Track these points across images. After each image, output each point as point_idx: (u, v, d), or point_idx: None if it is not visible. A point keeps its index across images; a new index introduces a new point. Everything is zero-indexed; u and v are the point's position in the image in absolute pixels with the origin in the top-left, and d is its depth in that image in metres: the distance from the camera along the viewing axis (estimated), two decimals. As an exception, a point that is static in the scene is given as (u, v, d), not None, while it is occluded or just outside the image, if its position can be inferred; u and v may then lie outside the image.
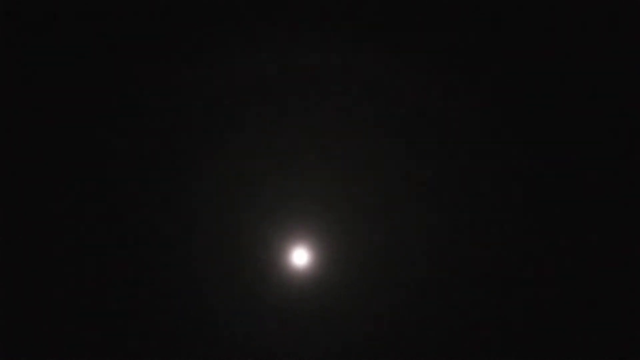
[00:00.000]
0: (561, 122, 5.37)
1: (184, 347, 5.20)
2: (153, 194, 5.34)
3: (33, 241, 5.19)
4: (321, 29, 5.37)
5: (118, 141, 5.32)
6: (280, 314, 5.28)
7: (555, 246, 5.31)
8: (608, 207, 5.29)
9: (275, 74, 5.41)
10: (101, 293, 5.22)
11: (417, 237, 5.38)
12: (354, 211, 5.41)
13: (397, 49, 5.39)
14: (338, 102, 5.44)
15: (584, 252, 5.28)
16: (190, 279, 5.30)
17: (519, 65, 5.38)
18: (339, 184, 5.43)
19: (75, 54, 5.28)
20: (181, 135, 5.39)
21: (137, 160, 5.35)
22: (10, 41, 5.22)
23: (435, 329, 5.27)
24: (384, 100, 5.43)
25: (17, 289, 5.15)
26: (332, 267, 5.35)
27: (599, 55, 5.34)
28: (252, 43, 5.39)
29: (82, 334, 5.16)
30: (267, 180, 5.40)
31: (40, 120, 5.26)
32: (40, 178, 5.23)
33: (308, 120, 5.44)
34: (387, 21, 5.38)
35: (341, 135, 5.44)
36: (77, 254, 5.23)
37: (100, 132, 5.31)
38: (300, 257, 5.41)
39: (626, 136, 5.32)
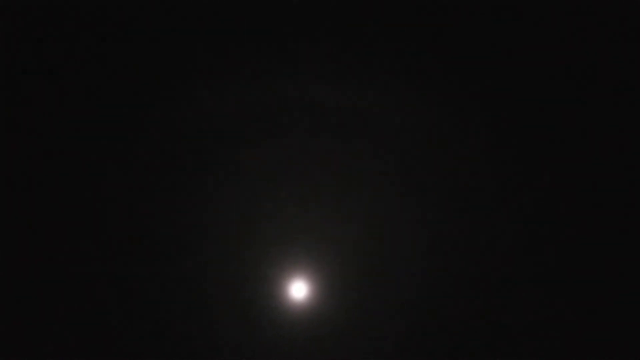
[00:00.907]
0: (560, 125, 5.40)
1: None
2: (147, 232, 5.29)
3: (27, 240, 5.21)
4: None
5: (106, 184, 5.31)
6: (280, 348, 5.19)
7: (554, 248, 5.33)
8: (608, 207, 5.31)
9: (275, 109, 5.39)
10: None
11: (416, 265, 5.29)
12: (352, 242, 5.32)
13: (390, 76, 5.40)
14: (334, 136, 5.40)
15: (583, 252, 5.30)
16: (188, 313, 5.22)
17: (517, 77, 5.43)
18: (337, 217, 5.36)
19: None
20: (179, 169, 5.36)
21: (129, 198, 5.31)
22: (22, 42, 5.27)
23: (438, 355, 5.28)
24: (380, 133, 5.41)
25: (16, 289, 5.17)
26: (331, 299, 5.24)
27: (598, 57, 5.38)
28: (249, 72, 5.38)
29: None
30: (264, 213, 5.33)
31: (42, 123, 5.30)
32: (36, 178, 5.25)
33: (304, 153, 5.39)
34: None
35: (339, 167, 5.39)
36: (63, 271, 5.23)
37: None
38: (299, 290, 5.30)
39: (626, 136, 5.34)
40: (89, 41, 5.28)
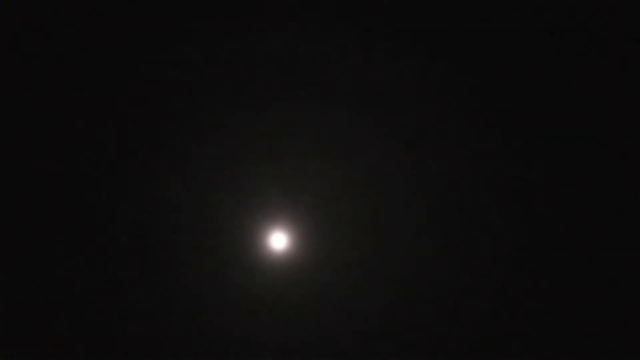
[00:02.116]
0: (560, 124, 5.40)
1: (159, 334, 5.19)
2: (129, 178, 5.37)
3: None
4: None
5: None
6: (259, 299, 5.26)
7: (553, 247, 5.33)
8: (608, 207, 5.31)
9: (254, 61, 5.42)
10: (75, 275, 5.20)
11: (401, 215, 5.34)
12: (333, 192, 5.39)
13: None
14: (319, 87, 5.43)
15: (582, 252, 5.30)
16: (165, 263, 5.31)
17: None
18: (317, 165, 5.41)
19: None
20: (158, 119, 5.41)
21: (114, 142, 5.36)
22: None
23: (422, 309, 5.27)
24: (359, 90, 5.44)
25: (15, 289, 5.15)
26: (311, 250, 5.32)
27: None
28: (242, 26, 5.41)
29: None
30: (244, 163, 5.39)
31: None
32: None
33: (287, 104, 5.44)
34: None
35: (322, 116, 5.43)
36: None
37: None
38: (278, 241, 5.36)
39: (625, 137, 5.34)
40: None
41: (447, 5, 5.35)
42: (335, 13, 5.40)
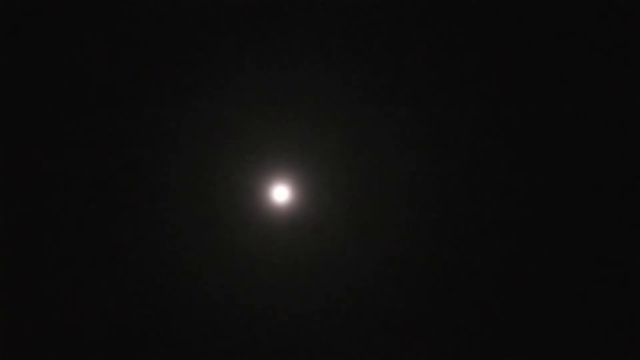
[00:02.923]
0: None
1: (159, 295, 5.17)
2: (129, 127, 5.30)
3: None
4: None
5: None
6: (261, 254, 5.24)
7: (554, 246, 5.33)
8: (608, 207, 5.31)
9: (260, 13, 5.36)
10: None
11: (402, 171, 5.31)
12: (335, 145, 5.35)
13: None
14: (325, 48, 5.38)
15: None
16: (172, 215, 5.25)
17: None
18: (319, 118, 5.36)
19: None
20: (160, 69, 5.33)
21: (118, 91, 5.29)
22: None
23: (423, 265, 5.26)
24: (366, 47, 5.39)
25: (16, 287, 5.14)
26: (313, 203, 5.29)
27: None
28: None
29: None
30: (245, 117, 5.33)
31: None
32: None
33: (291, 59, 5.37)
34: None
35: (323, 72, 5.37)
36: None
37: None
38: (280, 194, 5.32)
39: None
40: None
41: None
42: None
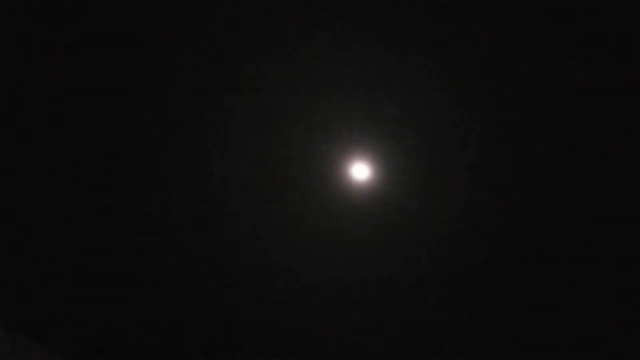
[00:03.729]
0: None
1: (239, 265, 5.18)
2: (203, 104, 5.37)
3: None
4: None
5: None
6: (339, 230, 5.31)
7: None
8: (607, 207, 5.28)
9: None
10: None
11: (479, 150, 5.37)
12: (416, 127, 5.40)
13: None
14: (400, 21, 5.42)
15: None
16: (251, 189, 5.37)
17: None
18: (401, 100, 5.43)
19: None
20: (237, 49, 5.42)
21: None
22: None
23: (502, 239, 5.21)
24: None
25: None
26: (392, 181, 5.36)
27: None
28: None
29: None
30: (326, 95, 5.41)
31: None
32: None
33: (365, 38, 5.44)
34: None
35: (404, 52, 5.43)
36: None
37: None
38: (360, 171, 5.32)
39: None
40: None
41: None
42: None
